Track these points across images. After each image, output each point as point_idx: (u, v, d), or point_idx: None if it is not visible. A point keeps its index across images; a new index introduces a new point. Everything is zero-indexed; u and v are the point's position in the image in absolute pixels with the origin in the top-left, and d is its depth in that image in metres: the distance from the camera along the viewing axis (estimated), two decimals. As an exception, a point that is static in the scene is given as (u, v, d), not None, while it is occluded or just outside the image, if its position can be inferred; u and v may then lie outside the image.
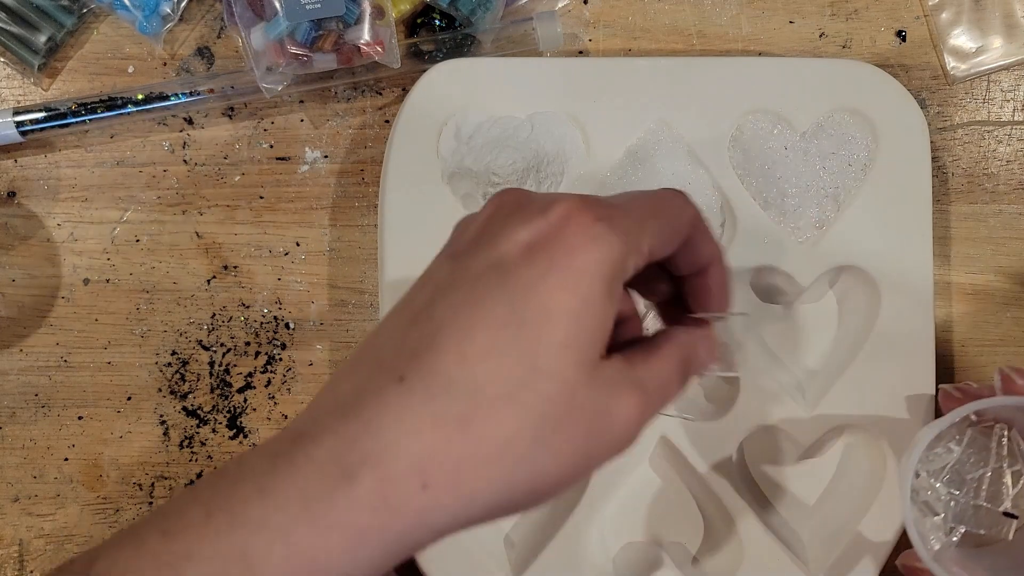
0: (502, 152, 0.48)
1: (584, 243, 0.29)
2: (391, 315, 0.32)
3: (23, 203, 0.51)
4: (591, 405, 0.29)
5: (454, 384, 0.28)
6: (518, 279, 0.29)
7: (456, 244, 0.33)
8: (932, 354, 0.48)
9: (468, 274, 0.30)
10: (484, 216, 0.32)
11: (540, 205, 0.31)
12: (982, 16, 0.52)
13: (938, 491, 0.44)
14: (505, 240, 0.30)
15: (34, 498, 0.51)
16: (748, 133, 0.49)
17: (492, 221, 0.32)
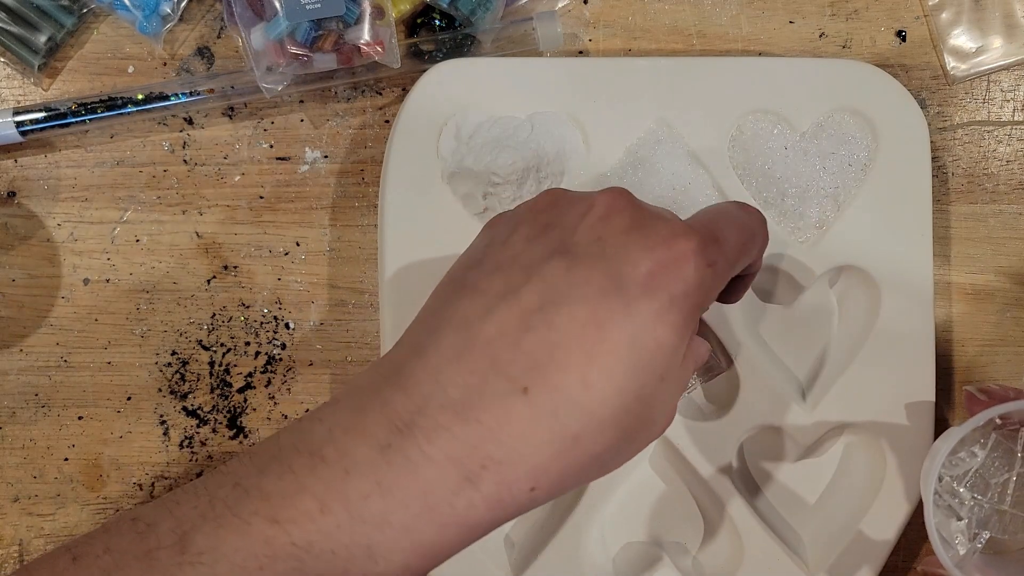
0: (502, 152, 0.48)
1: (695, 288, 0.32)
2: (485, 293, 0.32)
3: (23, 203, 0.51)
4: (655, 417, 0.33)
5: (574, 405, 0.30)
6: (639, 311, 0.31)
7: (563, 235, 0.32)
8: (932, 354, 0.48)
9: (589, 288, 0.31)
10: (597, 216, 0.32)
11: (663, 234, 0.32)
12: (982, 16, 0.52)
13: (961, 496, 0.44)
14: (627, 262, 0.31)
15: (34, 498, 0.51)
16: (748, 133, 0.49)
17: (609, 229, 0.32)
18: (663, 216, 0.33)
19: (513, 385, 0.30)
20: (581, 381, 0.30)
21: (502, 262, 0.32)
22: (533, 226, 0.33)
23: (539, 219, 0.33)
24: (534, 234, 0.33)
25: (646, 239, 0.32)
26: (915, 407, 0.48)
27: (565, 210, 0.33)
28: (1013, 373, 0.52)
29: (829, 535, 0.48)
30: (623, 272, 0.31)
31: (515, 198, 0.48)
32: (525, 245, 0.32)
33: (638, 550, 0.50)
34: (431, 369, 0.30)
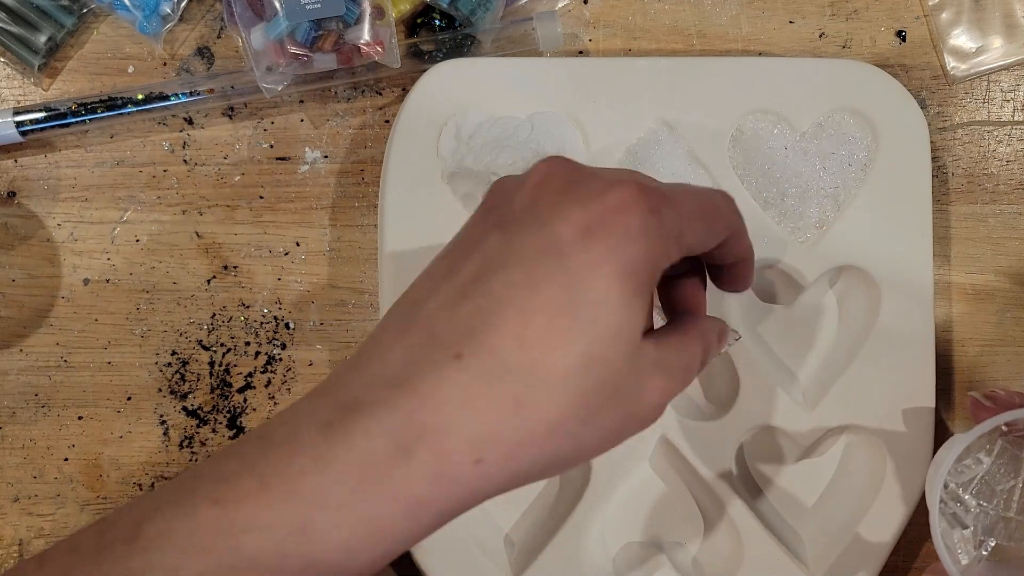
0: (502, 152, 0.48)
1: (637, 235, 0.30)
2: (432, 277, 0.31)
3: (23, 203, 0.51)
4: (630, 387, 0.31)
5: (511, 366, 0.29)
6: (575, 265, 0.29)
7: (502, 210, 0.32)
8: (932, 354, 0.48)
9: (524, 251, 0.30)
10: (532, 184, 0.32)
11: (596, 188, 0.31)
12: (982, 16, 0.52)
13: (967, 503, 0.43)
14: (560, 219, 0.30)
15: (34, 498, 0.51)
16: (748, 133, 0.49)
17: (543, 192, 0.31)
18: (602, 173, 0.32)
19: (447, 352, 0.29)
20: (516, 341, 0.29)
21: (451, 249, 0.32)
22: (480, 211, 0.33)
23: (486, 204, 0.33)
24: (480, 217, 0.33)
25: (578, 193, 0.31)
26: (915, 408, 0.48)
27: (506, 188, 0.33)
28: (1013, 373, 0.52)
29: (829, 536, 0.48)
30: (558, 231, 0.30)
31: (515, 198, 0.48)
32: (471, 229, 0.32)
33: (638, 550, 0.50)
34: (380, 349, 0.30)
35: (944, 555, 0.41)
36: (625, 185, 0.31)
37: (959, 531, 0.43)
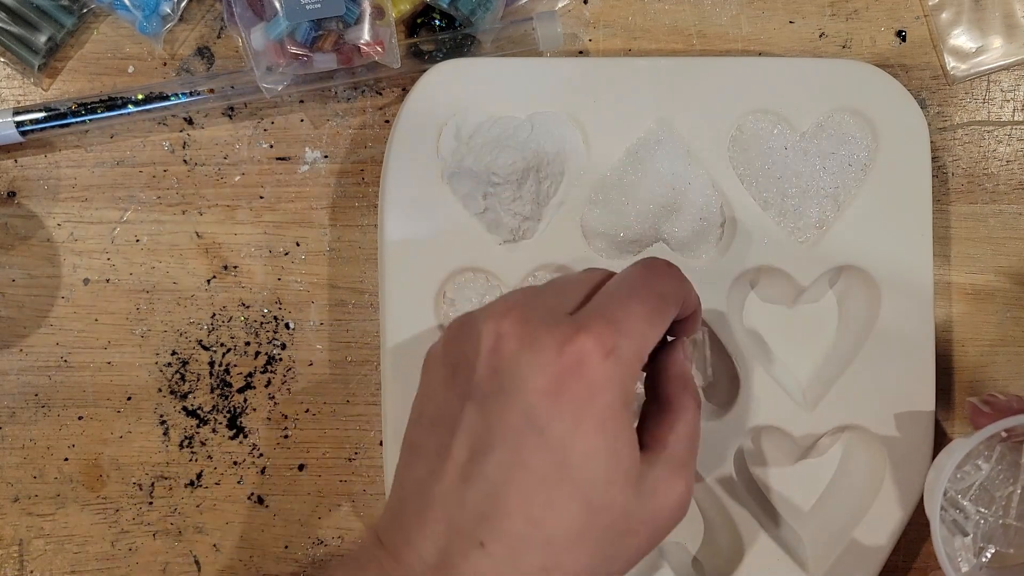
0: (502, 152, 0.48)
1: (602, 385, 0.32)
2: (426, 454, 0.34)
3: (23, 203, 0.51)
4: (643, 512, 0.34)
5: (529, 542, 0.32)
6: (554, 434, 0.32)
7: (467, 376, 0.34)
8: (932, 354, 0.48)
9: (504, 430, 0.32)
10: (488, 350, 0.33)
11: (549, 346, 0.32)
12: (982, 16, 0.52)
13: (966, 510, 0.43)
14: (526, 389, 0.32)
15: (34, 498, 0.51)
16: (748, 133, 0.49)
17: (501, 360, 0.33)
18: (549, 319, 0.33)
19: (471, 541, 0.32)
20: (527, 520, 0.32)
21: (433, 416, 0.35)
22: (445, 368, 0.35)
23: (448, 359, 0.35)
24: (447, 377, 0.35)
25: (536, 357, 0.32)
26: (915, 408, 0.48)
27: (464, 345, 0.34)
28: (1013, 373, 0.52)
29: (829, 536, 0.48)
30: (526, 400, 0.32)
31: (515, 198, 0.48)
32: (444, 393, 0.34)
33: (638, 550, 0.50)
34: (406, 536, 0.33)
35: (945, 563, 0.41)
36: (578, 336, 0.32)
37: (959, 538, 0.43)
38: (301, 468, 0.51)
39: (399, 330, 0.47)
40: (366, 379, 0.51)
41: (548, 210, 0.49)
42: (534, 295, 0.35)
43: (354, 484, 0.51)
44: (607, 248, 0.49)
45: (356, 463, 0.51)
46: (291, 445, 0.51)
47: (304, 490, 0.51)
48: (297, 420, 0.51)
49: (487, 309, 0.35)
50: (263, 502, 0.51)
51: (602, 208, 0.49)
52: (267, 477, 0.51)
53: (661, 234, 0.49)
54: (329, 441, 0.51)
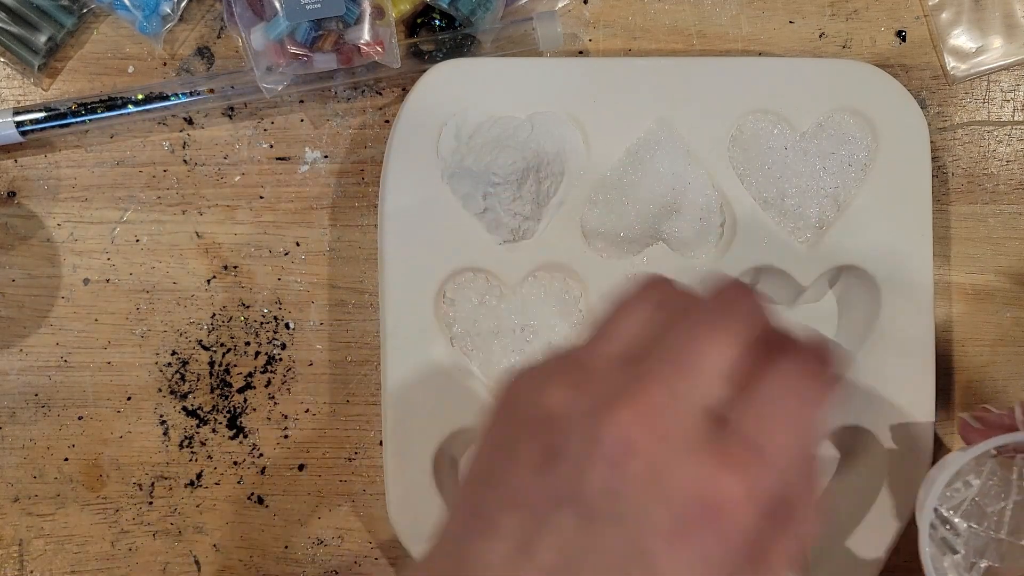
0: (502, 152, 0.48)
1: (741, 544, 0.27)
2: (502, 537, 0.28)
3: (23, 203, 0.51)
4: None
5: None
6: (663, 570, 0.27)
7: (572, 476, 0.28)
8: (932, 354, 0.48)
9: (607, 553, 0.27)
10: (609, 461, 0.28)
11: (692, 483, 0.27)
12: (982, 16, 0.52)
13: (957, 526, 0.43)
14: (648, 522, 0.27)
15: (34, 498, 0.51)
16: (748, 133, 0.49)
17: (625, 480, 0.27)
18: (689, 438, 0.28)
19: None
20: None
21: (514, 497, 0.29)
22: (536, 447, 0.29)
23: (543, 438, 0.29)
24: (540, 461, 0.29)
25: (670, 491, 0.27)
26: (914, 408, 0.48)
27: (571, 434, 0.28)
28: (1013, 373, 0.52)
29: (828, 536, 0.48)
30: (644, 535, 0.27)
31: (515, 198, 0.48)
32: (532, 477, 0.29)
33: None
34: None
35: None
36: (719, 481, 0.27)
37: (949, 557, 0.43)
38: (301, 468, 0.51)
39: (399, 330, 0.47)
40: (366, 379, 0.51)
41: (548, 210, 0.49)
42: (665, 378, 0.29)
43: (354, 484, 0.51)
44: (607, 248, 0.49)
45: (356, 463, 0.51)
46: (291, 445, 0.51)
47: (304, 490, 0.51)
48: (297, 420, 0.51)
49: (610, 391, 0.29)
50: (263, 502, 0.51)
51: (602, 208, 0.49)
52: (267, 477, 0.51)
53: (661, 234, 0.49)
54: (329, 441, 0.51)
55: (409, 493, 0.47)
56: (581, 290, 0.49)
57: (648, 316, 0.31)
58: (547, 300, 0.49)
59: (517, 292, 0.48)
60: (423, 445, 0.47)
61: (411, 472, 0.47)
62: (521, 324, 0.48)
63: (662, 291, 0.32)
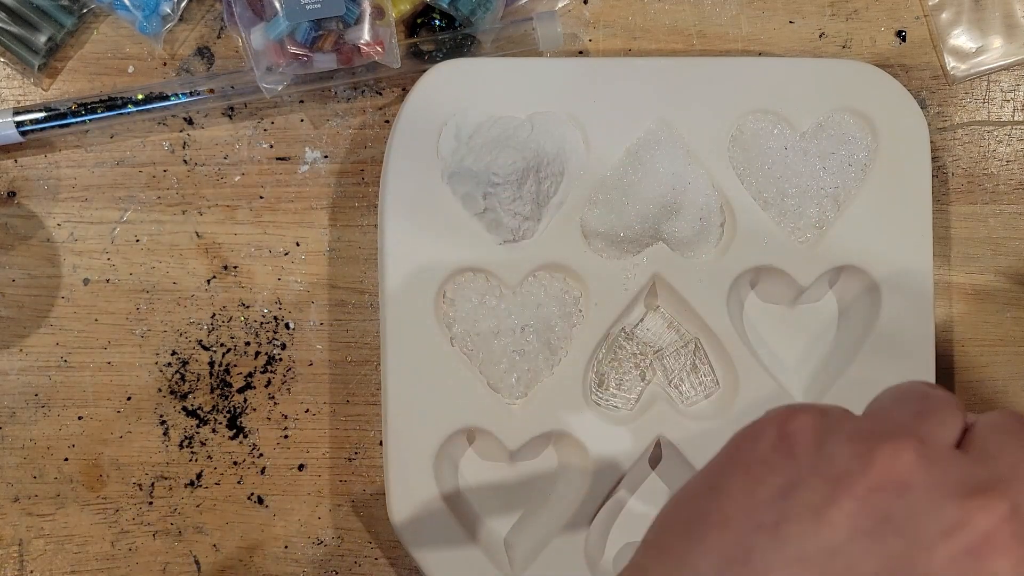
0: (502, 152, 0.48)
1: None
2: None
3: (23, 203, 0.51)
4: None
5: None
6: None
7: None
8: (932, 354, 0.48)
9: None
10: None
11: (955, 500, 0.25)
12: (982, 16, 0.52)
13: None
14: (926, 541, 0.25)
15: (34, 498, 0.51)
16: (748, 133, 0.49)
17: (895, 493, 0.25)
18: (950, 465, 0.26)
19: None
20: None
21: (815, 550, 0.25)
22: (866, 507, 0.26)
23: (878, 499, 0.26)
24: (867, 524, 0.25)
25: (938, 512, 0.25)
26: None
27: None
28: (1013, 373, 0.52)
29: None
30: (922, 554, 0.24)
31: (515, 198, 0.48)
32: (850, 535, 0.25)
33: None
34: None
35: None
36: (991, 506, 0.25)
37: None
38: (301, 468, 0.51)
39: (399, 330, 0.47)
40: (366, 379, 0.51)
41: (548, 210, 0.49)
42: (919, 415, 0.28)
43: (354, 484, 0.51)
44: (607, 248, 0.49)
45: (356, 463, 0.51)
46: (291, 445, 0.51)
47: (304, 490, 0.51)
48: (297, 420, 0.51)
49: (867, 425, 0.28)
50: (263, 502, 0.51)
51: (602, 208, 0.49)
52: (267, 477, 0.51)
53: (661, 234, 0.49)
54: (329, 441, 0.51)
55: (409, 493, 0.47)
56: (581, 290, 0.49)
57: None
58: (547, 300, 0.49)
59: (517, 292, 0.48)
60: (423, 445, 0.47)
61: (411, 472, 0.47)
62: (521, 324, 0.48)
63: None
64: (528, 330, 0.48)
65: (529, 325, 0.48)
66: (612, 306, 0.48)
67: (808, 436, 0.27)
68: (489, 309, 0.48)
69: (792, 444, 0.27)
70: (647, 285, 0.49)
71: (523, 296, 0.49)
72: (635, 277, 0.48)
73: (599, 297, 0.48)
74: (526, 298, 0.49)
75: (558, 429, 0.48)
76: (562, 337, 0.49)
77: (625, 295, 0.48)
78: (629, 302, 0.48)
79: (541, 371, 0.48)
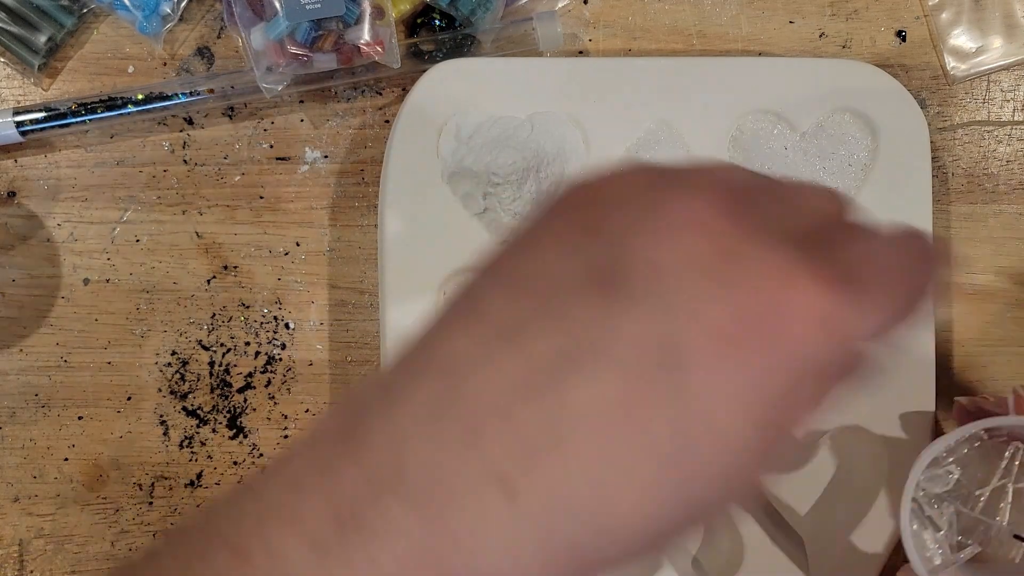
0: (502, 152, 0.48)
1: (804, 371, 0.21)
2: (484, 322, 0.22)
3: (23, 203, 0.51)
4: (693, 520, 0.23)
5: (580, 518, 0.21)
6: (696, 391, 0.21)
7: (610, 249, 0.22)
8: (932, 354, 0.48)
9: (627, 350, 0.21)
10: (666, 231, 0.21)
11: (755, 271, 0.21)
12: (982, 16, 0.52)
13: (943, 508, 0.43)
14: (696, 313, 0.21)
15: (34, 498, 0.51)
16: (748, 133, 0.49)
17: (680, 257, 0.21)
18: (771, 240, 0.21)
19: (494, 476, 0.21)
20: (598, 491, 0.21)
21: (520, 272, 0.22)
22: (572, 219, 0.23)
23: (582, 212, 0.23)
24: (570, 233, 0.22)
25: (732, 278, 0.21)
26: (915, 408, 0.48)
27: (622, 204, 0.22)
28: (1013, 373, 0.52)
29: (829, 538, 0.48)
30: (685, 328, 0.20)
31: (515, 198, 0.48)
32: (555, 250, 0.22)
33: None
34: (396, 429, 0.21)
35: (914, 558, 0.41)
36: (812, 284, 0.21)
37: (931, 532, 0.43)
38: (301, 468, 0.51)
39: (399, 330, 0.47)
40: (366, 379, 0.51)
41: (548, 210, 0.49)
42: (748, 181, 0.24)
43: (354, 484, 0.51)
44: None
45: (356, 463, 0.51)
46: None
47: (304, 490, 0.51)
48: (297, 420, 0.51)
49: (682, 176, 0.23)
50: (263, 502, 0.51)
51: (602, 208, 0.49)
52: (267, 477, 0.51)
53: (661, 234, 0.49)
54: (329, 441, 0.51)
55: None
56: (581, 290, 0.49)
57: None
58: (547, 300, 0.49)
59: (517, 292, 0.48)
60: (423, 445, 0.47)
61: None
62: (521, 324, 0.48)
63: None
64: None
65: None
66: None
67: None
68: (489, 309, 0.48)
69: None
70: (647, 285, 0.48)
71: (523, 296, 0.49)
72: (635, 277, 0.48)
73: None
74: (526, 298, 0.49)
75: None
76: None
77: (625, 295, 0.48)
78: (629, 302, 0.48)
79: (541, 371, 0.48)
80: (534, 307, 0.22)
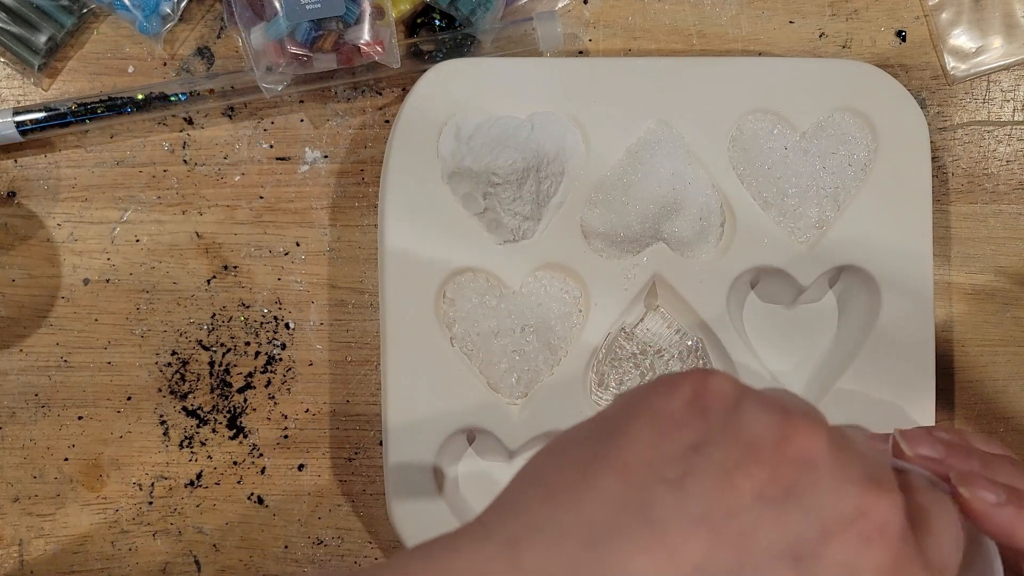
0: (502, 152, 0.48)
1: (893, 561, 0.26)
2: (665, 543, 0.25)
3: (23, 203, 0.51)
4: None
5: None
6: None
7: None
8: (932, 354, 0.48)
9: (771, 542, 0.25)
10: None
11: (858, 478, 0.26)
12: (982, 16, 0.52)
13: None
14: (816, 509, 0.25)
15: (34, 498, 0.51)
16: (748, 133, 0.49)
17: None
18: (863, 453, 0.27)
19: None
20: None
21: (716, 511, 0.25)
22: (773, 477, 0.26)
23: (785, 471, 0.26)
24: (771, 493, 0.26)
25: (840, 484, 0.26)
26: (915, 408, 0.48)
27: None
28: (1013, 373, 0.52)
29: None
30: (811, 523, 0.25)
31: (515, 198, 0.48)
32: (753, 502, 0.25)
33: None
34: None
35: None
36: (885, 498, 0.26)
37: None
38: (301, 468, 0.51)
39: (399, 330, 0.47)
40: (366, 379, 0.51)
41: (548, 210, 0.49)
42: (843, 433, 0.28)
43: (354, 484, 0.51)
44: (607, 248, 0.49)
45: (356, 463, 0.51)
46: (291, 445, 0.51)
47: (304, 490, 0.51)
48: (297, 420, 0.51)
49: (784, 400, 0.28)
50: (263, 502, 0.51)
51: (602, 208, 0.49)
52: (267, 477, 0.51)
53: (661, 234, 0.49)
54: (329, 441, 0.51)
55: (409, 493, 0.47)
56: (581, 290, 0.49)
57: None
58: (547, 300, 0.49)
59: (517, 292, 0.48)
60: (423, 445, 0.47)
61: (411, 472, 0.47)
62: (521, 324, 0.48)
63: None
64: (528, 330, 0.48)
65: (529, 325, 0.48)
66: (612, 306, 0.48)
67: (724, 398, 0.27)
68: (489, 309, 0.48)
69: (707, 404, 0.27)
70: (647, 285, 0.49)
71: (523, 296, 0.49)
72: (635, 277, 0.48)
73: (599, 297, 0.48)
74: (526, 298, 0.49)
75: (558, 429, 0.48)
76: (562, 337, 0.49)
77: (625, 295, 0.48)
78: (629, 302, 0.48)
79: (541, 371, 0.48)
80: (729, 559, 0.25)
